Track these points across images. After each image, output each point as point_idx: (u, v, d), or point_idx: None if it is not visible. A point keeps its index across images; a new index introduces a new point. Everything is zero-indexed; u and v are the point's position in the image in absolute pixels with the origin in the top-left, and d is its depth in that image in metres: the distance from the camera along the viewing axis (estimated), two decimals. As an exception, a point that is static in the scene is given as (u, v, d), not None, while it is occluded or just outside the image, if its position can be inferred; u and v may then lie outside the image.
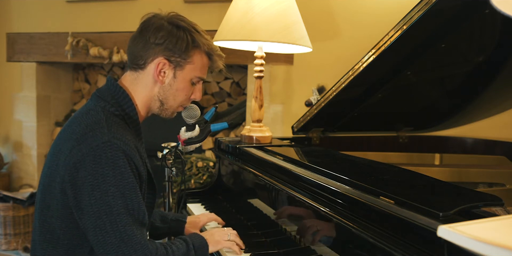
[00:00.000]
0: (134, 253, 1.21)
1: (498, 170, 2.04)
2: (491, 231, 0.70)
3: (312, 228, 1.32)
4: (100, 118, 1.28)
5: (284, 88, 3.12)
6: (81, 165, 1.21)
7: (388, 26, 1.70)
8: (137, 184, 1.27)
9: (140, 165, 1.30)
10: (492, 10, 1.41)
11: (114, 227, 1.20)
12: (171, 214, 1.69)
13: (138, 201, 1.25)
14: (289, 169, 1.52)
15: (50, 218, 1.29)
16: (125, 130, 1.31)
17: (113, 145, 1.22)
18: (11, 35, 4.01)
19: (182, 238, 1.40)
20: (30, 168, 3.98)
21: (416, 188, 1.27)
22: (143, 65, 1.37)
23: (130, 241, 1.21)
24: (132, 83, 1.39)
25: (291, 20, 1.90)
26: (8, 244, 3.54)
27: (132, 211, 1.23)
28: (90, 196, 1.20)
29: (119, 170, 1.22)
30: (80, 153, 1.22)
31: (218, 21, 2.02)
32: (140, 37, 1.37)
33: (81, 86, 4.25)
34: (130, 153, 1.25)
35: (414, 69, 1.95)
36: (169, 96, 1.41)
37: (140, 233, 1.24)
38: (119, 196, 1.21)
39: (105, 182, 1.20)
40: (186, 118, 1.63)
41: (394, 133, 2.44)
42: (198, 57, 1.40)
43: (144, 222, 1.27)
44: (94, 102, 1.35)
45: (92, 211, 1.20)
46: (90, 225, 1.21)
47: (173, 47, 1.35)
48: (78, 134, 1.26)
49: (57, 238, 1.28)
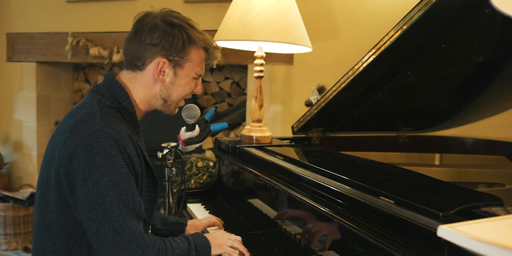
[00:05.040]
0: (129, 244, 1.20)
1: (498, 170, 2.04)
2: (491, 231, 0.70)
3: (312, 228, 1.32)
4: (94, 110, 1.28)
5: (284, 88, 3.12)
6: (74, 155, 1.21)
7: (388, 26, 1.70)
8: (131, 175, 1.25)
9: (134, 156, 1.28)
10: (492, 10, 1.41)
11: (107, 218, 1.19)
12: (171, 217, 1.68)
13: (132, 192, 1.23)
14: (289, 169, 1.52)
15: (48, 213, 1.28)
16: (119, 121, 1.30)
17: (105, 134, 1.21)
18: (11, 35, 4.01)
19: (185, 236, 1.38)
20: (30, 168, 3.99)
21: (416, 188, 1.27)
22: (141, 66, 1.37)
23: (124, 232, 1.19)
24: (130, 81, 1.39)
25: (291, 20, 1.90)
26: (8, 244, 3.54)
27: (126, 202, 1.21)
28: (82, 186, 1.20)
29: (111, 159, 1.20)
30: (73, 143, 1.22)
31: (218, 21, 2.02)
32: (135, 39, 1.36)
33: (81, 86, 4.25)
34: (123, 143, 1.24)
35: (414, 69, 1.95)
36: (172, 93, 1.41)
37: (136, 224, 1.22)
38: (112, 186, 1.20)
39: (97, 172, 1.19)
40: (186, 118, 1.63)
41: (394, 133, 2.44)
42: (196, 53, 1.40)
43: (140, 213, 1.25)
44: (90, 97, 1.36)
45: (85, 202, 1.19)
46: (84, 216, 1.20)
47: (170, 47, 1.35)
48: (72, 125, 1.26)
49: (55, 233, 1.28)
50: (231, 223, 1.74)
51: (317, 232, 1.30)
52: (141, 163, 1.33)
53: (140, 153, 1.34)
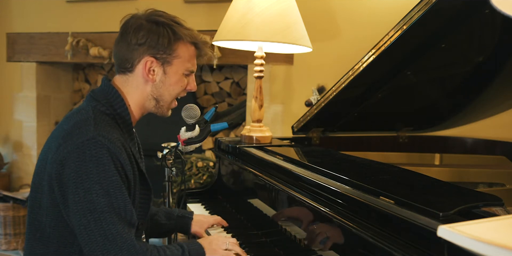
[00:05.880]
0: (120, 252, 1.19)
1: (498, 170, 2.04)
2: (491, 231, 0.70)
3: (312, 228, 1.32)
4: (88, 116, 1.28)
5: (284, 88, 3.12)
6: (66, 162, 1.21)
7: (388, 26, 1.70)
8: (123, 183, 1.25)
9: (127, 164, 1.27)
10: (492, 10, 1.41)
11: (99, 225, 1.18)
12: (176, 211, 1.67)
13: (123, 200, 1.22)
14: (289, 169, 1.52)
15: (41, 216, 1.28)
16: (113, 128, 1.30)
17: (97, 142, 1.21)
18: (11, 35, 4.01)
19: (179, 243, 1.38)
20: (30, 168, 3.98)
21: (416, 188, 1.27)
22: (131, 68, 1.37)
23: (115, 240, 1.19)
24: (123, 85, 1.39)
25: (291, 20, 1.90)
26: (8, 244, 3.54)
27: (117, 210, 1.21)
28: (74, 193, 1.19)
29: (103, 167, 1.20)
30: (65, 150, 1.22)
31: (218, 21, 2.02)
32: (122, 40, 1.36)
33: (81, 86, 4.25)
34: (115, 151, 1.23)
35: (414, 69, 1.95)
36: (163, 92, 1.40)
37: (127, 232, 1.22)
38: (103, 194, 1.19)
39: (88, 179, 1.19)
40: (186, 118, 1.63)
41: (394, 133, 2.44)
42: (184, 49, 1.39)
43: (132, 221, 1.25)
44: (86, 102, 1.36)
45: (77, 209, 1.19)
46: (76, 223, 1.20)
47: (156, 44, 1.34)
48: (66, 131, 1.26)
49: (47, 236, 1.28)
50: (231, 223, 1.74)
51: (317, 232, 1.30)
52: (134, 170, 1.32)
53: (134, 161, 1.33)
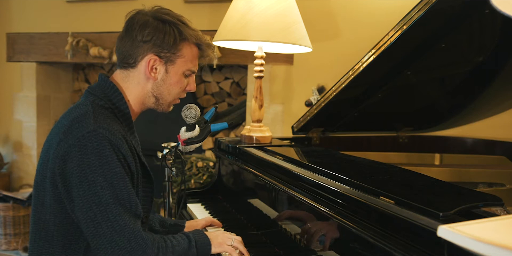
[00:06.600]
0: (128, 243, 1.19)
1: (498, 170, 2.04)
2: (491, 231, 0.70)
3: (312, 228, 1.32)
4: (87, 110, 1.28)
5: (284, 88, 3.12)
6: (68, 156, 1.21)
7: (388, 26, 1.70)
8: (126, 175, 1.25)
9: (129, 156, 1.28)
10: (492, 10, 1.42)
11: (105, 218, 1.19)
12: (170, 220, 1.68)
13: (128, 191, 1.23)
14: (289, 169, 1.52)
15: (44, 215, 1.28)
16: (113, 121, 1.30)
17: (98, 134, 1.21)
18: (11, 35, 4.01)
19: (185, 233, 1.38)
20: (30, 168, 3.98)
21: (416, 188, 1.27)
22: (133, 63, 1.37)
23: (123, 231, 1.19)
24: (123, 80, 1.39)
25: (291, 20, 1.90)
26: (8, 244, 3.54)
27: (122, 201, 1.21)
28: (78, 187, 1.19)
29: (106, 159, 1.20)
30: (67, 145, 1.22)
31: (218, 21, 2.02)
32: (127, 36, 1.36)
33: (81, 86, 4.25)
34: (117, 143, 1.24)
35: (414, 69, 1.95)
36: (163, 91, 1.40)
37: (134, 223, 1.22)
38: (107, 186, 1.20)
39: (92, 172, 1.19)
40: (186, 118, 1.63)
41: (394, 133, 2.44)
42: (188, 50, 1.39)
43: (137, 213, 1.25)
44: (84, 98, 1.36)
45: (82, 203, 1.19)
46: (82, 217, 1.20)
47: (161, 43, 1.34)
48: (66, 127, 1.26)
49: (51, 235, 1.28)
50: (231, 223, 1.74)
51: (317, 232, 1.30)
52: (136, 163, 1.33)
53: (135, 153, 1.34)
